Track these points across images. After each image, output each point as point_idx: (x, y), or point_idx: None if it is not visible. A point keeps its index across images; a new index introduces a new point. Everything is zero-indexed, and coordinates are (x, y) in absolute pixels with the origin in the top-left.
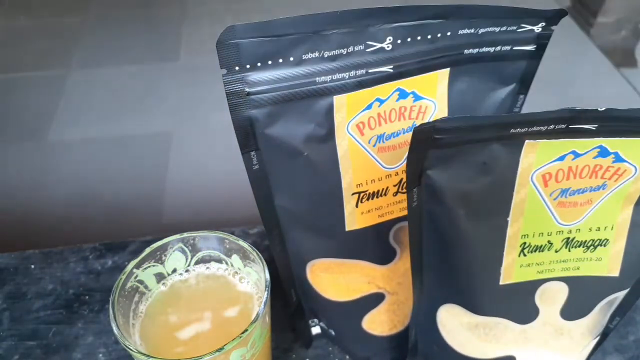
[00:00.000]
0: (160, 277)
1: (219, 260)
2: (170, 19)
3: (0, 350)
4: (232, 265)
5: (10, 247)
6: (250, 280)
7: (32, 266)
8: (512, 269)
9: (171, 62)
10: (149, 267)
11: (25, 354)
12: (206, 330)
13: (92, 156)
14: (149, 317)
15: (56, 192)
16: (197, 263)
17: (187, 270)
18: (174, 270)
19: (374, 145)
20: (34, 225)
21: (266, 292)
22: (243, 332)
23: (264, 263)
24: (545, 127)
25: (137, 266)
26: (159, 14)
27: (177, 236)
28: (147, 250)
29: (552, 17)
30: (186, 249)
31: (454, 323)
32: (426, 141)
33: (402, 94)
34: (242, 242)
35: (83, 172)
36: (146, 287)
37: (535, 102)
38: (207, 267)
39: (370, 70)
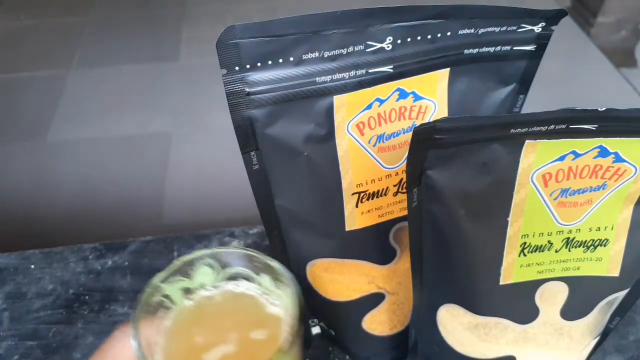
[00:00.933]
0: (186, 292)
1: (249, 279)
2: (170, 19)
3: (0, 350)
4: (261, 285)
5: (10, 247)
6: (280, 303)
7: (32, 266)
8: (512, 269)
9: (171, 62)
10: (176, 281)
11: (25, 354)
12: (232, 353)
13: (92, 156)
14: (172, 334)
15: (56, 192)
16: (225, 279)
17: (215, 287)
18: (202, 285)
19: (374, 145)
20: (34, 225)
21: (297, 322)
22: None
23: (297, 287)
24: (546, 127)
25: (164, 280)
26: (159, 14)
27: (207, 251)
28: (176, 263)
29: (552, 17)
30: (215, 264)
31: (454, 323)
32: (426, 141)
33: (402, 94)
34: (272, 262)
35: (83, 172)
36: (172, 301)
37: (535, 102)
38: (236, 285)
39: (370, 70)
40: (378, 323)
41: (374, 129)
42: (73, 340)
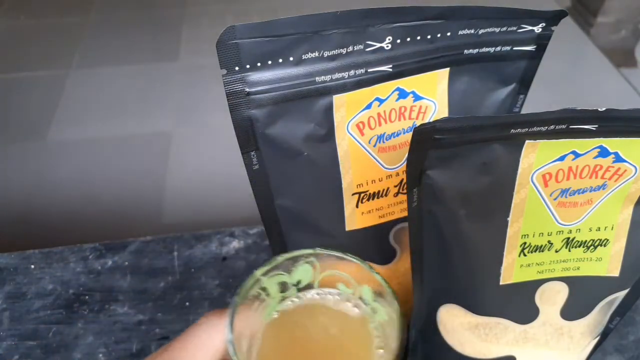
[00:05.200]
0: (283, 286)
1: (348, 284)
2: (170, 19)
3: (0, 350)
4: (361, 295)
5: (10, 247)
6: (376, 317)
7: (32, 266)
8: (512, 269)
9: (171, 62)
10: (275, 275)
11: (25, 354)
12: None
13: (92, 156)
14: (261, 331)
15: (56, 192)
16: (324, 280)
17: (311, 285)
18: (299, 282)
19: (374, 146)
20: (34, 225)
21: (399, 343)
22: None
23: (398, 305)
24: (546, 127)
25: (265, 273)
26: (159, 14)
27: (311, 251)
28: (278, 259)
29: (552, 18)
30: (317, 263)
31: (454, 323)
32: (426, 141)
33: (402, 94)
34: (378, 277)
35: (83, 172)
36: (268, 294)
37: (535, 102)
38: (333, 288)
39: (369, 70)
40: None
41: (374, 129)
42: (73, 340)
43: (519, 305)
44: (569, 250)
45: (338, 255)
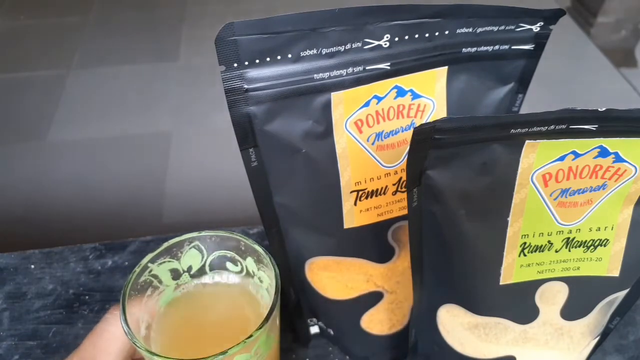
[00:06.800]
0: (175, 273)
1: (234, 262)
2: (170, 19)
3: (0, 350)
4: (246, 268)
5: (10, 247)
6: (262, 284)
7: (32, 266)
8: (512, 269)
9: (171, 62)
10: (164, 262)
11: (25, 354)
12: (216, 332)
13: (92, 156)
14: (159, 314)
15: (56, 192)
16: (212, 262)
17: (202, 269)
18: (190, 268)
19: (372, 143)
20: (34, 225)
21: (274, 299)
22: (248, 338)
23: (276, 269)
24: (546, 127)
25: (152, 261)
26: (159, 14)
27: (195, 234)
28: (164, 245)
29: (551, 17)
30: (202, 247)
31: (454, 323)
32: (426, 141)
33: (400, 92)
34: (256, 246)
35: (83, 172)
36: (160, 282)
37: (535, 102)
38: (222, 268)
39: (367, 67)
40: (376, 322)
41: (372, 127)
42: (73, 340)
43: (519, 305)
44: (569, 250)
45: (220, 234)
